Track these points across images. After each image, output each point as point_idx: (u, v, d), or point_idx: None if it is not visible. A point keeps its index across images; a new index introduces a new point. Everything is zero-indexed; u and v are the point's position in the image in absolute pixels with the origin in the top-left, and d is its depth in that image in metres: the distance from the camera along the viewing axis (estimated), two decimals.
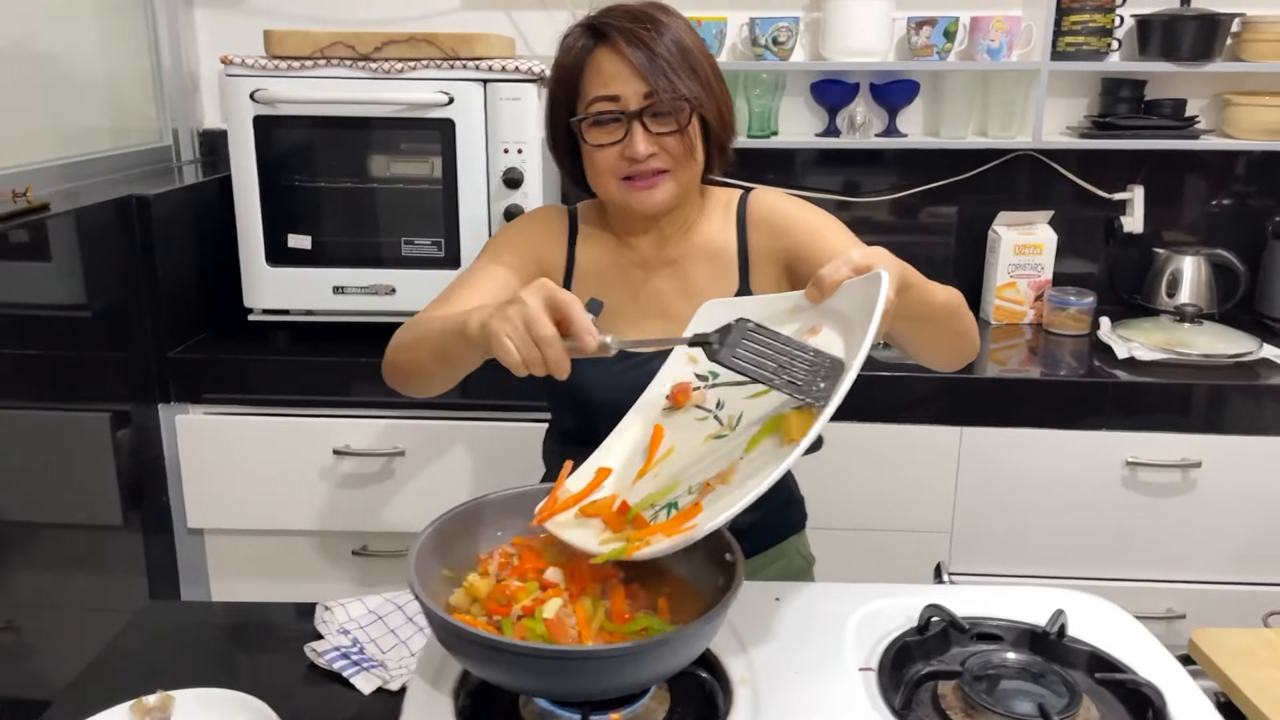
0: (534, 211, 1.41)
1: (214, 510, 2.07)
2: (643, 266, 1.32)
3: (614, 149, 1.20)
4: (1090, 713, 0.87)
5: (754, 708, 0.86)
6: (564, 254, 1.33)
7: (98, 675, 1.15)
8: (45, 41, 2.03)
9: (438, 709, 0.85)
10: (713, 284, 1.31)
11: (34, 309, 1.72)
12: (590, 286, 1.31)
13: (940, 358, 1.21)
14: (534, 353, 0.91)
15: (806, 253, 1.27)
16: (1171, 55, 2.21)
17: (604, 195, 1.26)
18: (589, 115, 1.20)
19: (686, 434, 0.95)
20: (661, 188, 1.22)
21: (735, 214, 1.33)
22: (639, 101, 1.18)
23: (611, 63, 1.19)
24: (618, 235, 1.33)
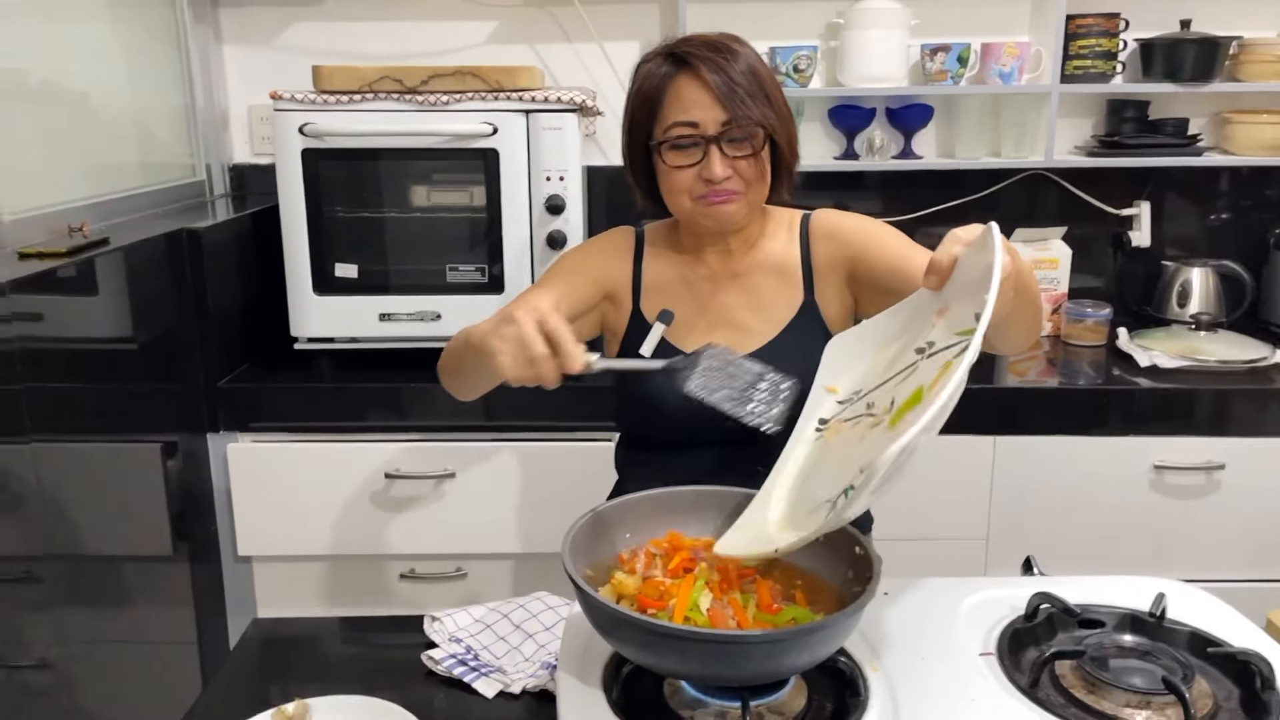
0: (603, 233, 1.48)
1: (262, 537, 2.09)
2: (710, 280, 1.39)
3: (691, 171, 1.27)
4: (1202, 686, 0.93)
5: (891, 691, 0.91)
6: (630, 270, 1.41)
7: (222, 690, 1.17)
8: (77, 80, 2.07)
9: (592, 702, 0.89)
10: (778, 296, 1.38)
11: (87, 342, 1.75)
12: (658, 300, 1.39)
13: (1021, 336, 1.22)
14: (527, 370, 1.01)
15: (866, 255, 1.35)
16: (1173, 76, 2.32)
17: (678, 213, 1.34)
18: (668, 139, 1.27)
19: (841, 444, 0.99)
20: (734, 205, 1.30)
21: (799, 231, 1.41)
22: (716, 127, 1.25)
23: (691, 90, 1.26)
24: (686, 252, 1.40)
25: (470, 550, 2.09)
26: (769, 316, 1.38)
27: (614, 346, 1.43)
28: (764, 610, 0.89)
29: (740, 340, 1.36)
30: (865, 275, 1.36)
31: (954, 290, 0.99)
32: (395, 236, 2.09)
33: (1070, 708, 0.90)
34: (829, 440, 1.00)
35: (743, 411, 0.97)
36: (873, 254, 1.35)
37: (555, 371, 1.01)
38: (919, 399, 0.87)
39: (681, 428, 1.29)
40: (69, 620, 1.65)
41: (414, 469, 2.04)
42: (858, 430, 0.95)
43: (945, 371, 0.85)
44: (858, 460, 0.87)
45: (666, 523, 1.04)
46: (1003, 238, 0.94)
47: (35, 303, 1.57)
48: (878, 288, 1.35)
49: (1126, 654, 0.95)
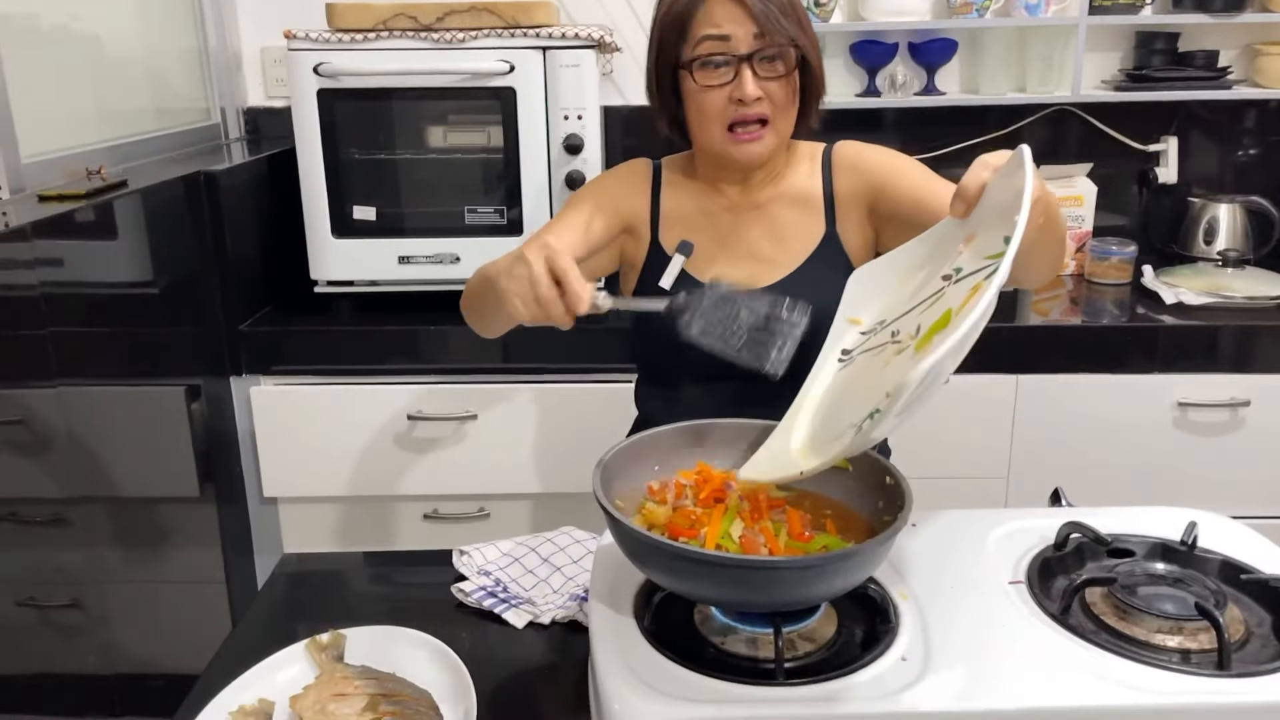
0: (620, 165, 1.46)
1: (287, 479, 2.11)
2: (731, 211, 1.38)
3: (722, 91, 1.24)
4: (1234, 613, 0.93)
5: (921, 619, 0.91)
6: (648, 202, 1.39)
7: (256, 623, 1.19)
8: (90, 24, 2.05)
9: (626, 630, 0.90)
10: (798, 226, 1.37)
11: (109, 286, 1.75)
12: (677, 232, 1.37)
13: (1045, 266, 1.20)
14: (537, 310, 1.01)
15: (888, 187, 1.33)
16: (1204, 7, 2.26)
17: (706, 142, 1.30)
18: (698, 56, 1.23)
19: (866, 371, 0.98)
20: (763, 140, 1.28)
21: (821, 162, 1.39)
22: (749, 44, 1.22)
23: (725, 6, 1.22)
24: (706, 182, 1.38)
25: (492, 490, 2.11)
26: (790, 248, 1.37)
27: (632, 279, 1.42)
28: (795, 539, 0.89)
29: (761, 272, 1.35)
30: (887, 208, 1.34)
31: (981, 217, 0.98)
32: (412, 178, 2.07)
33: (1102, 634, 0.90)
34: (856, 368, 0.99)
35: (746, 355, 0.95)
36: (895, 186, 1.33)
37: (564, 312, 1.01)
38: (947, 322, 0.86)
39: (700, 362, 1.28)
40: (99, 561, 1.68)
41: (436, 411, 2.05)
42: (882, 357, 0.94)
43: (974, 294, 0.84)
44: (883, 385, 0.86)
45: (695, 454, 1.04)
46: (1032, 164, 0.92)
47: (57, 247, 1.57)
48: (899, 220, 1.33)
49: (1158, 581, 0.95)
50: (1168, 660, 0.86)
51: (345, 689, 0.96)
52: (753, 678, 0.84)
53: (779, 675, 0.83)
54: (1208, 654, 0.87)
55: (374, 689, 0.97)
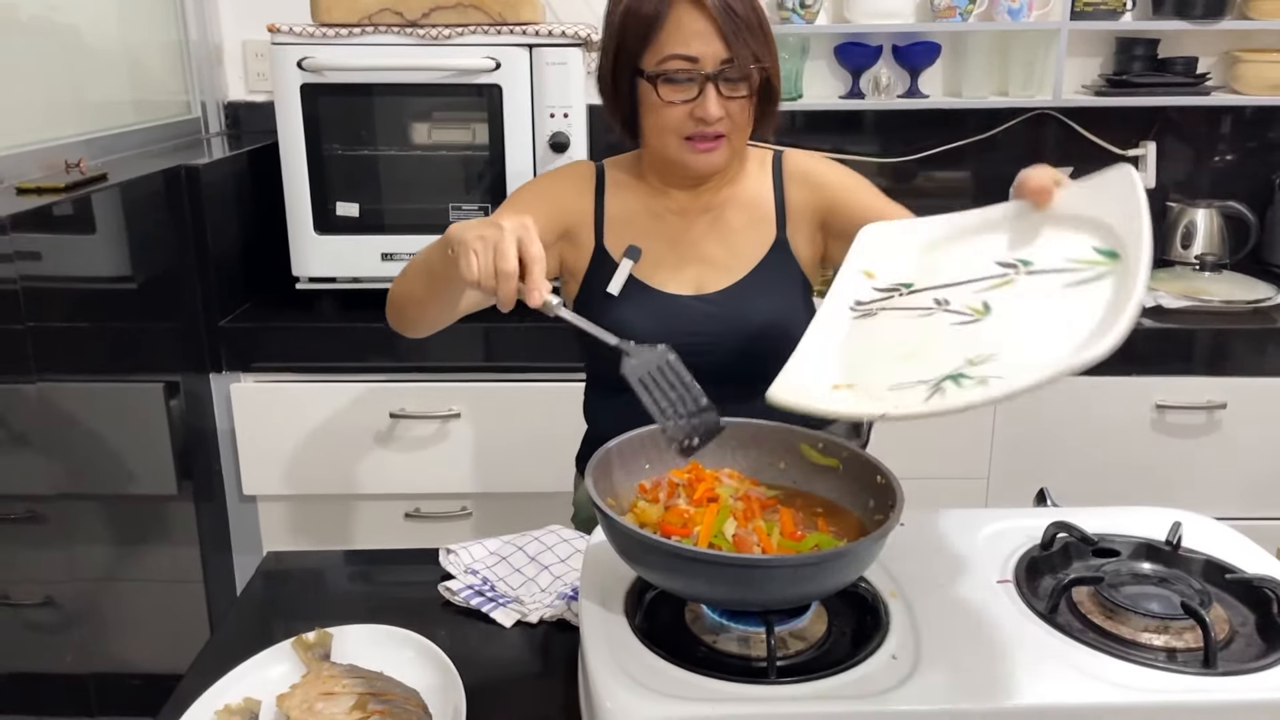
0: (560, 167, 1.42)
1: (267, 477, 2.09)
2: (679, 214, 1.35)
3: (683, 108, 1.21)
4: (1219, 612, 0.94)
5: (911, 617, 0.92)
6: (591, 205, 1.34)
7: (241, 621, 1.18)
8: (69, 15, 2.02)
9: (617, 628, 0.90)
10: (749, 232, 1.35)
11: (88, 281, 1.73)
12: (623, 234, 1.33)
13: None
14: (490, 281, 0.96)
15: (841, 206, 1.33)
16: (1184, 14, 2.29)
17: (660, 150, 1.27)
18: (664, 72, 1.19)
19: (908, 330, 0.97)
20: (719, 152, 1.25)
21: (771, 169, 1.37)
22: (715, 64, 1.19)
23: (694, 20, 1.18)
24: (654, 184, 1.35)
25: (475, 489, 2.10)
26: (741, 253, 1.34)
27: (572, 287, 1.37)
28: (788, 537, 0.89)
29: (711, 276, 1.33)
30: (839, 226, 1.33)
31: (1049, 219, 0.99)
32: (397, 175, 2.06)
33: (1089, 633, 0.90)
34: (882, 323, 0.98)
35: (666, 422, 0.95)
36: (849, 205, 1.33)
37: (513, 294, 0.96)
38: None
39: None
40: (74, 559, 1.66)
41: (418, 409, 2.04)
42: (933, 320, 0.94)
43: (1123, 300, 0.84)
44: (961, 350, 0.87)
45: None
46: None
47: (35, 241, 1.55)
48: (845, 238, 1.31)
49: (1143, 581, 0.96)
50: (1154, 659, 0.87)
51: (333, 688, 0.96)
52: (744, 676, 0.84)
53: (771, 673, 0.83)
54: (1193, 652, 0.88)
55: (362, 688, 0.96)
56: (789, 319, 1.33)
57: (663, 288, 1.32)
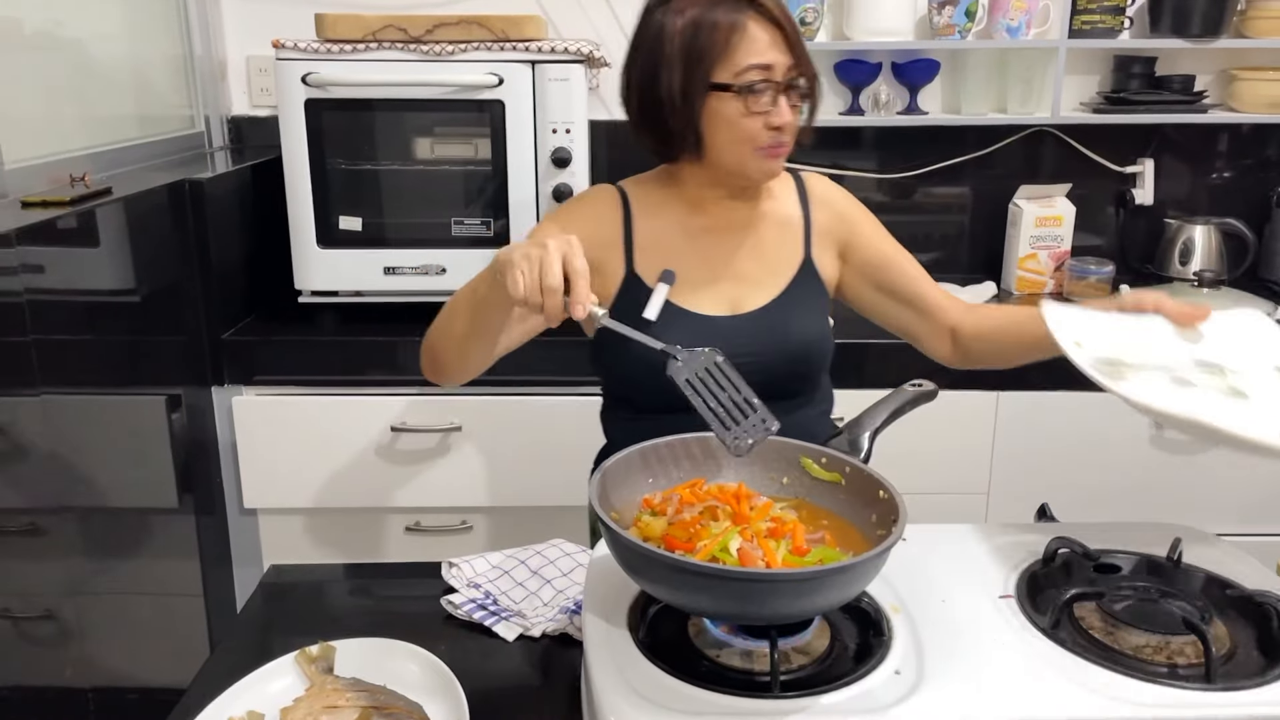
0: (582, 194, 1.42)
1: (268, 490, 2.10)
2: (711, 231, 1.36)
3: (760, 119, 1.23)
4: (1220, 628, 0.94)
5: (913, 632, 0.92)
6: (620, 230, 1.35)
7: (244, 634, 1.18)
8: (74, 30, 2.03)
9: (620, 643, 0.90)
10: (781, 250, 1.37)
11: (91, 294, 1.73)
12: (655, 258, 1.34)
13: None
14: (536, 297, 0.99)
15: (857, 238, 1.40)
16: (1181, 32, 2.31)
17: (729, 161, 1.27)
18: (748, 84, 1.21)
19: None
20: (781, 160, 1.28)
21: (795, 189, 1.40)
22: (784, 74, 1.23)
23: (763, 30, 1.21)
24: (686, 202, 1.36)
25: (476, 504, 2.10)
26: (774, 270, 1.36)
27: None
28: (796, 553, 0.90)
29: (747, 295, 1.34)
30: (854, 257, 1.41)
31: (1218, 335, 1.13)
32: (399, 189, 2.07)
33: (1091, 648, 0.91)
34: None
35: (718, 423, 0.97)
36: (864, 238, 1.40)
37: (559, 308, 0.99)
38: None
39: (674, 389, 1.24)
40: (74, 572, 1.66)
41: (420, 423, 2.04)
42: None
43: None
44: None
45: (690, 469, 1.04)
46: None
47: (40, 254, 1.55)
48: (859, 271, 1.41)
49: (1145, 596, 0.96)
50: (1155, 674, 0.87)
51: (337, 701, 0.96)
52: (748, 690, 0.85)
53: (775, 688, 0.83)
54: (1195, 668, 0.88)
55: (365, 701, 0.96)
56: (822, 337, 1.37)
57: (698, 309, 1.32)
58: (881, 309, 1.45)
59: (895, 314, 1.44)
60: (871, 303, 1.45)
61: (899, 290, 1.42)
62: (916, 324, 1.44)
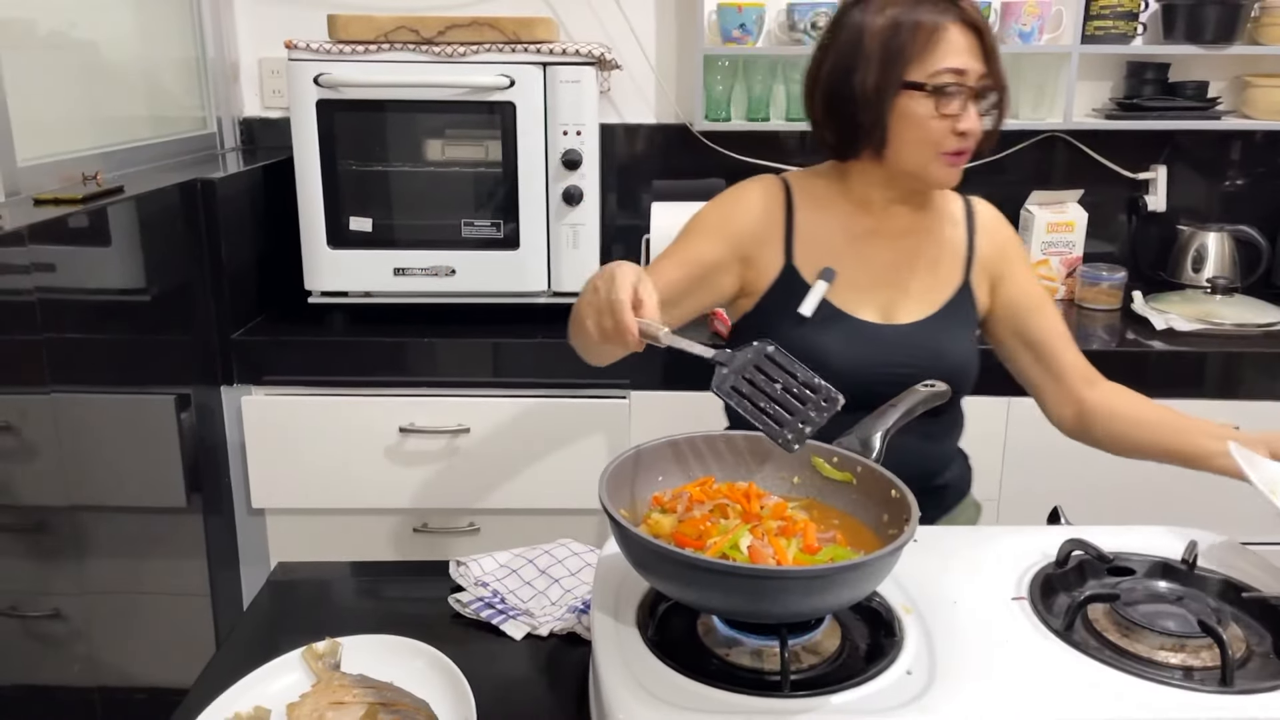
0: (745, 184, 1.39)
1: (276, 490, 2.09)
2: (874, 234, 1.35)
3: (947, 122, 1.22)
4: (1235, 631, 0.93)
5: (925, 633, 0.91)
6: (781, 224, 1.34)
7: (250, 631, 1.18)
8: (87, 31, 2.04)
9: (629, 641, 0.89)
10: (940, 268, 1.36)
11: (102, 293, 1.73)
12: (814, 253, 1.33)
13: None
14: (608, 332, 1.02)
15: (1009, 280, 1.39)
16: (1195, 38, 2.30)
17: (909, 162, 1.27)
18: (940, 85, 1.21)
19: None
20: (960, 168, 1.28)
21: (964, 211, 1.40)
22: (976, 80, 1.23)
23: (962, 36, 1.22)
24: (854, 202, 1.35)
25: (483, 505, 2.10)
26: (931, 286, 1.35)
27: (745, 304, 1.36)
28: (807, 551, 0.89)
29: (901, 305, 1.33)
30: (1002, 294, 1.39)
31: None
32: (410, 190, 2.07)
33: (1105, 650, 0.90)
34: None
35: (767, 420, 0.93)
36: (1015, 278, 1.39)
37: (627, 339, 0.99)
38: None
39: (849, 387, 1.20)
40: (83, 571, 1.66)
41: (428, 424, 2.04)
42: None
43: None
44: None
45: (700, 469, 1.04)
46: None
47: (52, 253, 1.55)
48: (1004, 310, 1.39)
49: (1160, 599, 0.96)
50: (1171, 677, 0.86)
51: (343, 697, 0.95)
52: (757, 689, 0.84)
53: (785, 686, 0.83)
54: (1210, 671, 0.87)
55: (372, 697, 0.96)
56: (972, 364, 1.36)
57: (853, 312, 1.32)
58: (1014, 355, 1.43)
59: (1025, 365, 1.42)
60: (1006, 346, 1.43)
61: (1035, 342, 1.40)
62: (1044, 382, 1.42)
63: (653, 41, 2.45)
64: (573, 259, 2.07)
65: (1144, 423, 1.38)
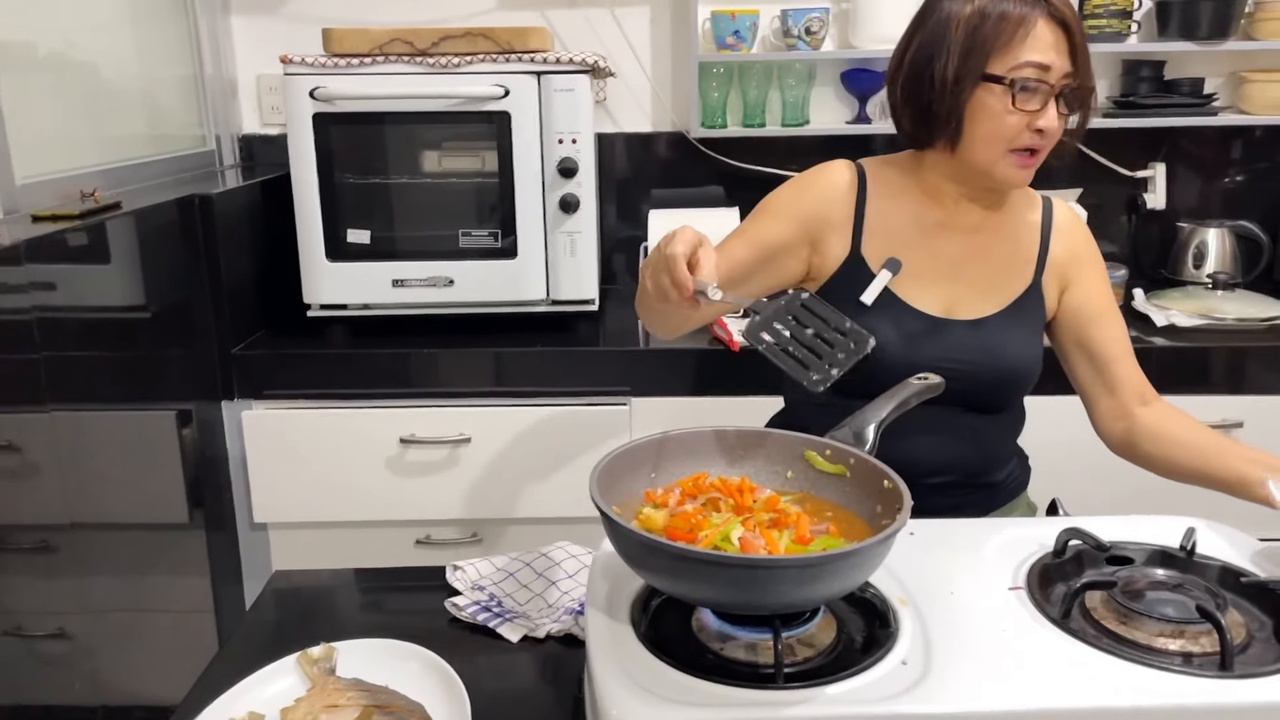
0: (819, 168, 1.38)
1: (278, 504, 2.09)
2: (944, 227, 1.33)
3: (1023, 118, 1.20)
4: (1235, 617, 0.92)
5: (921, 624, 0.91)
6: (851, 210, 1.32)
7: (248, 638, 1.17)
8: (86, 51, 2.06)
9: (623, 637, 0.89)
10: (1010, 266, 1.34)
11: (101, 310, 1.74)
12: (882, 242, 1.32)
13: None
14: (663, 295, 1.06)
15: (1079, 286, 1.36)
16: (1189, 35, 2.30)
17: (979, 157, 1.25)
18: (1020, 79, 1.19)
19: None
20: (1031, 169, 1.26)
21: (1041, 213, 1.37)
22: (1060, 79, 1.20)
23: (1049, 32, 1.19)
24: (927, 193, 1.33)
25: (486, 516, 2.09)
26: (998, 285, 1.33)
27: (810, 288, 1.34)
28: (799, 542, 0.88)
29: (965, 301, 1.31)
30: (1069, 299, 1.36)
31: None
32: (407, 202, 2.08)
33: (1103, 638, 0.89)
34: None
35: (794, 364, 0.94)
36: (1085, 285, 1.36)
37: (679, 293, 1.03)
38: None
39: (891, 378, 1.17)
40: (86, 589, 1.66)
41: (429, 434, 2.04)
42: None
43: None
44: None
45: (692, 464, 1.03)
46: None
47: (50, 271, 1.56)
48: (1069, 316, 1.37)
49: (1158, 586, 0.94)
50: (1170, 663, 0.85)
51: (337, 700, 0.95)
52: (752, 682, 0.83)
53: (779, 678, 0.82)
54: (1209, 657, 0.86)
55: (367, 700, 0.95)
56: (1034, 366, 1.35)
57: (914, 303, 1.31)
58: (1073, 362, 1.41)
59: (1083, 374, 1.40)
60: (1066, 352, 1.41)
61: (1095, 351, 1.37)
62: (1098, 393, 1.40)
63: (647, 50, 2.46)
64: (571, 267, 2.07)
65: (1188, 445, 1.33)
